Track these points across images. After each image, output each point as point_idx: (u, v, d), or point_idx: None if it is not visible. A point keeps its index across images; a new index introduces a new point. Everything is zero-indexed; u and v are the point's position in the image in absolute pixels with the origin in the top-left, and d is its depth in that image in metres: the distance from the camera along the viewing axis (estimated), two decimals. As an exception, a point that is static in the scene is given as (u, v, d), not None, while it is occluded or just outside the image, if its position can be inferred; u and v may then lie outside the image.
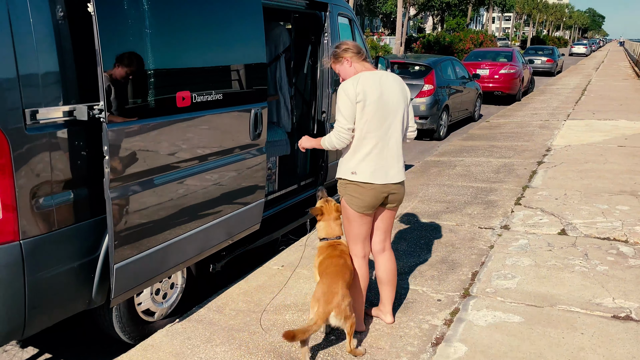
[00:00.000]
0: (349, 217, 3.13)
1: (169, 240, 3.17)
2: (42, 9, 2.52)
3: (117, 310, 3.21)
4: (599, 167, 7.37)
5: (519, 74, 16.15)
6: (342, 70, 3.16)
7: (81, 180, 2.78)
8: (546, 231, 5.01)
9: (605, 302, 3.65)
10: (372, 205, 3.09)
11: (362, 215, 3.10)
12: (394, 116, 3.06)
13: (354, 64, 3.12)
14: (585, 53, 51.88)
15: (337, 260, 3.08)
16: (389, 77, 3.11)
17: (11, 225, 2.48)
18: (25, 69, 2.46)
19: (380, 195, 3.07)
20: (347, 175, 3.06)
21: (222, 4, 3.47)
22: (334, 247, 3.19)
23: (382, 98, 3.02)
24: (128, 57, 2.78)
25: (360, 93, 2.97)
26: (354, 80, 3.01)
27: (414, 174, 7.28)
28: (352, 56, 3.12)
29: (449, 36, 32.53)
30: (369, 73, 3.08)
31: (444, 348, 3.13)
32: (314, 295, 2.91)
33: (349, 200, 3.09)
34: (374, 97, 2.99)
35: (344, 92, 2.99)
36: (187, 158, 3.22)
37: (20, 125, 2.45)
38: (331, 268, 3.02)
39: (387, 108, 3.03)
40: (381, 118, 3.02)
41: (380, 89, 3.02)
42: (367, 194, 3.04)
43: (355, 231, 3.15)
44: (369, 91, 2.98)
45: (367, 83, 3.00)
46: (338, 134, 3.01)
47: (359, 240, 3.18)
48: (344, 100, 2.98)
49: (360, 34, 5.96)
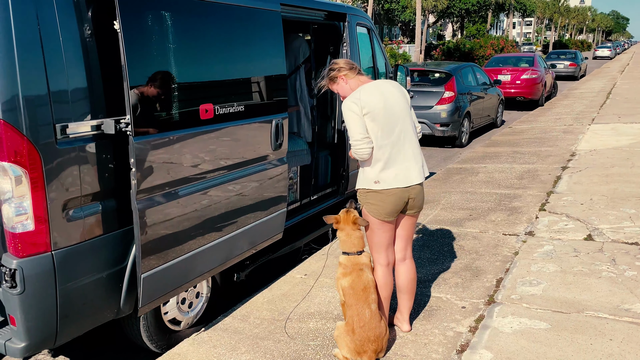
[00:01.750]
0: (371, 226, 3.15)
1: (194, 250, 3.23)
2: (71, 28, 2.62)
3: (145, 320, 3.27)
4: (625, 172, 7.24)
5: (541, 79, 15.97)
6: (340, 89, 3.22)
7: (109, 192, 2.87)
8: (572, 237, 4.94)
9: (634, 307, 3.59)
10: (394, 212, 3.11)
11: (383, 223, 3.12)
12: (403, 120, 3.11)
13: (349, 80, 3.18)
14: (609, 56, 51.03)
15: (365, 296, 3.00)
16: (386, 84, 3.17)
17: (43, 237, 2.57)
18: (56, 86, 2.56)
19: (401, 201, 3.09)
20: (370, 185, 3.08)
21: (243, 18, 3.55)
22: (359, 276, 3.05)
23: (387, 106, 3.06)
24: (153, 71, 2.86)
25: (365, 107, 3.01)
26: (355, 96, 3.06)
27: (437, 182, 7.25)
28: (347, 74, 3.17)
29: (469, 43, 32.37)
30: (367, 85, 3.12)
31: (469, 355, 3.11)
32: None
33: (370, 209, 3.11)
34: (379, 106, 3.03)
35: (348, 109, 3.03)
36: (211, 169, 3.29)
37: (51, 140, 2.55)
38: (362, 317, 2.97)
39: (394, 114, 3.08)
40: (391, 124, 3.06)
41: (383, 97, 3.07)
42: (387, 201, 3.06)
43: (378, 239, 3.17)
44: (373, 102, 3.03)
45: (369, 95, 3.05)
46: (356, 149, 3.03)
47: (382, 249, 3.18)
48: (351, 115, 3.02)
49: (380, 43, 5.99)
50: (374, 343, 2.96)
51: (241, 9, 3.54)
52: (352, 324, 2.97)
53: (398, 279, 3.31)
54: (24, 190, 2.50)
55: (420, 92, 10.26)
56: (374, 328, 2.96)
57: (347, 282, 3.04)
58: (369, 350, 2.95)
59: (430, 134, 10.31)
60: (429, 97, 10.33)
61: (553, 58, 27.07)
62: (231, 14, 3.44)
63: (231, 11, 3.44)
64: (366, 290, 3.01)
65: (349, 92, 3.16)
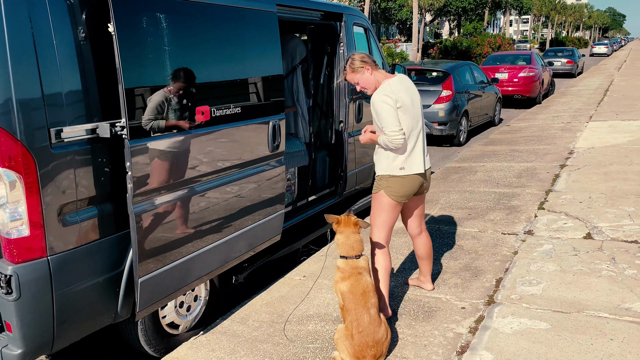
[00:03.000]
0: (383, 207, 3.40)
1: (192, 253, 3.21)
2: (64, 31, 2.59)
3: (142, 324, 3.25)
4: (624, 169, 7.23)
5: (538, 77, 15.96)
6: (363, 79, 3.38)
7: (105, 196, 2.84)
8: (571, 235, 4.92)
9: (634, 306, 3.57)
10: (411, 194, 3.45)
11: (398, 204, 3.42)
12: (421, 114, 3.44)
13: (374, 72, 3.38)
14: (606, 53, 51.05)
15: (363, 302, 2.96)
16: (407, 80, 3.45)
17: (39, 242, 2.55)
18: (50, 89, 2.53)
19: (418, 185, 3.43)
20: (396, 171, 3.35)
21: (239, 19, 3.53)
22: (357, 280, 3.01)
23: (413, 100, 3.37)
24: (148, 74, 2.84)
25: (398, 100, 3.25)
26: (387, 89, 3.28)
27: (435, 181, 7.23)
28: (371, 65, 3.37)
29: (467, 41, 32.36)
30: (393, 80, 3.36)
31: (469, 356, 3.10)
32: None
33: (389, 191, 3.37)
34: (408, 101, 3.32)
35: (383, 102, 3.24)
36: (208, 171, 3.27)
37: (45, 144, 2.52)
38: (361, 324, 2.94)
39: (417, 108, 3.40)
40: (415, 117, 3.37)
41: (409, 92, 3.36)
42: (408, 185, 3.38)
43: (387, 219, 3.42)
44: (403, 97, 3.29)
45: (399, 90, 3.30)
46: (392, 139, 3.21)
47: (387, 228, 3.44)
48: (387, 108, 3.22)
49: (376, 42, 5.97)
50: (373, 348, 2.93)
51: (237, 10, 3.51)
52: (351, 329, 2.95)
53: (418, 249, 3.77)
54: (19, 196, 2.48)
55: (418, 91, 10.22)
56: (372, 333, 2.93)
57: (346, 287, 3.01)
58: (367, 355, 2.93)
59: (429, 132, 10.29)
60: (427, 95, 10.31)
61: (550, 55, 27.07)
62: (227, 15, 3.42)
63: (227, 12, 3.41)
64: (365, 295, 2.98)
65: (372, 83, 3.37)
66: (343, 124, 5.23)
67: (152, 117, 2.85)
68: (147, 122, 2.82)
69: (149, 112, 2.84)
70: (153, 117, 2.86)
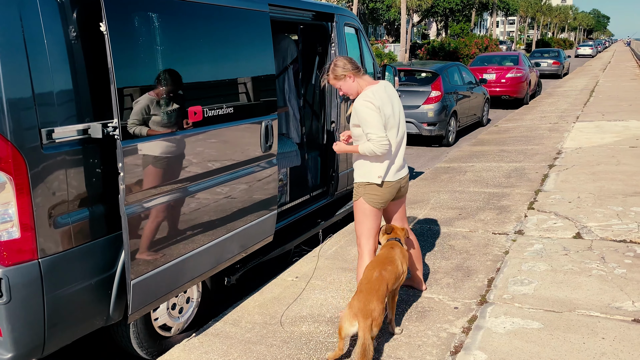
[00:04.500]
0: (365, 214, 3.43)
1: (184, 255, 3.18)
2: (55, 31, 2.56)
3: (135, 326, 3.22)
4: (611, 169, 7.31)
5: (525, 78, 16.10)
6: (345, 86, 3.38)
7: (97, 198, 2.80)
8: (561, 235, 4.97)
9: (625, 305, 3.61)
10: (389, 200, 3.49)
11: (378, 211, 3.46)
12: (402, 120, 3.45)
13: (357, 79, 3.37)
14: (591, 54, 51.69)
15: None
16: (389, 87, 3.46)
17: (29, 244, 2.51)
18: (41, 89, 2.49)
19: (395, 190, 3.46)
20: (374, 179, 3.35)
21: (231, 19, 3.50)
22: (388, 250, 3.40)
23: (394, 107, 3.38)
24: (140, 74, 2.81)
25: (380, 107, 3.25)
26: (369, 96, 3.27)
27: (425, 181, 7.25)
28: (354, 72, 3.35)
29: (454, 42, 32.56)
30: (376, 87, 3.35)
31: (463, 356, 3.10)
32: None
33: (369, 199, 3.40)
34: (389, 109, 3.33)
35: (367, 108, 3.23)
36: (200, 172, 3.24)
37: (36, 145, 2.48)
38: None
39: (397, 115, 3.40)
40: (396, 125, 3.38)
41: (390, 100, 3.36)
42: (386, 192, 3.40)
43: (370, 225, 3.46)
44: (385, 104, 3.30)
45: (381, 97, 3.30)
46: (379, 144, 3.21)
47: (372, 235, 3.48)
48: (371, 112, 3.22)
49: (367, 43, 5.98)
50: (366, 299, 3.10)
51: (229, 10, 3.49)
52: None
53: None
54: (9, 197, 2.43)
55: (407, 92, 10.28)
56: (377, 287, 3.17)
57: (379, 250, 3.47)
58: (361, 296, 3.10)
59: (418, 133, 10.33)
60: (416, 96, 10.35)
61: (537, 57, 27.34)
62: (219, 15, 3.39)
63: (219, 12, 3.39)
64: (387, 260, 3.32)
65: (354, 90, 3.37)
66: (334, 124, 5.22)
67: (144, 117, 2.82)
68: (140, 123, 2.79)
69: (142, 112, 2.81)
70: (145, 118, 2.83)
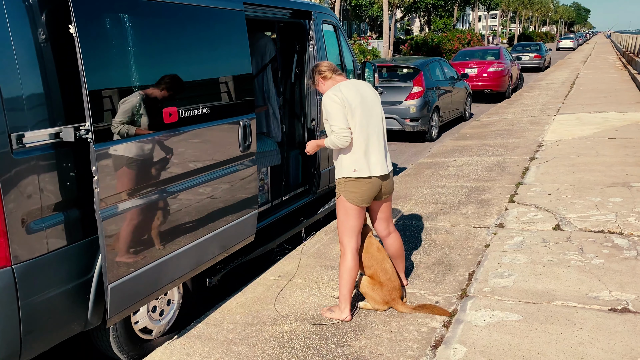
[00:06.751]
0: (347, 212, 3.43)
1: (163, 257, 3.16)
2: (23, 33, 2.52)
3: (114, 330, 3.19)
4: (590, 160, 7.41)
5: (507, 71, 16.24)
6: (319, 88, 3.63)
7: (71, 202, 2.77)
8: (541, 227, 5.02)
9: (602, 295, 3.66)
10: (370, 198, 3.46)
11: (360, 209, 3.44)
12: (375, 116, 3.47)
13: (326, 82, 3.55)
14: (572, 47, 52.30)
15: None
16: (362, 83, 3.56)
17: (2, 251, 2.47)
18: (9, 93, 2.45)
19: (375, 188, 3.44)
20: (349, 173, 3.38)
21: (205, 19, 3.48)
22: (369, 242, 3.62)
23: (363, 101, 3.41)
24: (112, 76, 2.78)
25: (345, 100, 3.33)
26: (335, 89, 3.39)
27: (408, 177, 7.29)
28: (325, 75, 3.54)
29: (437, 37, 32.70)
30: (345, 83, 3.47)
31: (443, 350, 3.13)
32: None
33: (349, 196, 3.41)
34: (357, 101, 3.37)
35: (331, 100, 3.36)
36: (178, 173, 3.22)
37: (6, 150, 2.44)
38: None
39: (369, 109, 3.43)
40: (366, 118, 3.40)
41: (359, 93, 3.42)
42: (365, 188, 3.40)
43: (352, 224, 3.44)
44: (351, 97, 3.36)
45: (347, 90, 3.39)
46: (339, 136, 3.31)
47: (354, 234, 3.46)
48: (334, 106, 3.33)
49: (346, 40, 5.98)
50: (398, 291, 3.56)
51: (203, 10, 3.47)
52: (378, 279, 3.52)
53: (390, 248, 3.77)
54: (-20, 204, 2.39)
55: (389, 88, 10.30)
56: (396, 278, 3.57)
57: (362, 249, 3.57)
58: (396, 297, 3.54)
59: (400, 129, 10.37)
60: (398, 92, 10.39)
61: (518, 50, 27.58)
62: (193, 14, 3.37)
63: (192, 12, 3.37)
64: (380, 249, 3.61)
65: (325, 90, 3.51)
66: (315, 121, 5.22)
67: (117, 119, 2.80)
68: (113, 125, 2.77)
69: (115, 114, 2.78)
70: (119, 120, 2.80)
